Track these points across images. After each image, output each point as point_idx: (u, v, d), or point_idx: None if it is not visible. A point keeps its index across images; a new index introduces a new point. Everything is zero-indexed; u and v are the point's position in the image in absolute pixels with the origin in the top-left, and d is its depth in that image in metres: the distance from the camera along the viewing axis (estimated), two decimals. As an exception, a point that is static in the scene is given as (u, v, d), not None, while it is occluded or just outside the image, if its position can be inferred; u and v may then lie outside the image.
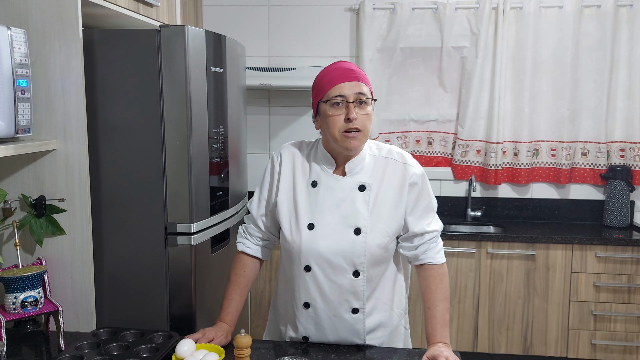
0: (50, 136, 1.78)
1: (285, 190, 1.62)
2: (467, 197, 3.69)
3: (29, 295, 1.66)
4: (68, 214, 1.79)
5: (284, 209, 1.61)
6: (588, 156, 3.55)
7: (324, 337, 1.64)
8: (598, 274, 3.16)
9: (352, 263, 1.55)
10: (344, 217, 1.56)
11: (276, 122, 3.73)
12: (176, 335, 1.66)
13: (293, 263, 1.61)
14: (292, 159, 1.64)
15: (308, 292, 1.60)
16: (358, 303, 1.59)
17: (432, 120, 3.69)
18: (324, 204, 1.57)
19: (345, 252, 1.55)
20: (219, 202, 2.15)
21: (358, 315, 1.60)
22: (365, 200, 1.56)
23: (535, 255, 3.19)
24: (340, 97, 1.50)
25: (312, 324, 1.63)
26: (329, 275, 1.57)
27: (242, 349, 1.43)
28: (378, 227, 1.56)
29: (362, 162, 1.59)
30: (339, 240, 1.55)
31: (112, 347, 1.60)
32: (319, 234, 1.56)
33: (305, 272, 1.59)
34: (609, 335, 3.18)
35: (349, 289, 1.58)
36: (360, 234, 1.55)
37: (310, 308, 1.61)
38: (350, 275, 1.56)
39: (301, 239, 1.57)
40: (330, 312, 1.60)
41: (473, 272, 3.25)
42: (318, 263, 1.57)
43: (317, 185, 1.59)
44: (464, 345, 3.28)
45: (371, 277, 1.59)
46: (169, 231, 1.91)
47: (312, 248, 1.56)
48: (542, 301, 3.22)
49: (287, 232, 1.60)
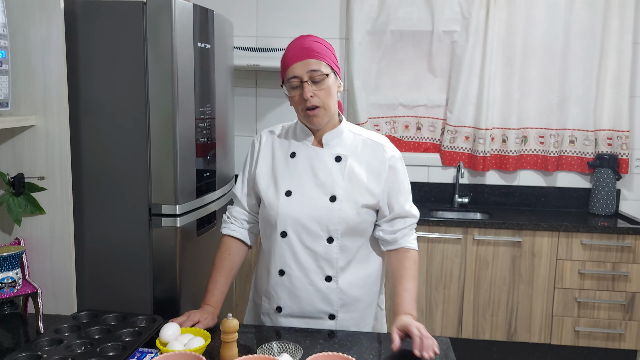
0: (30, 111, 1.71)
1: (265, 163, 1.68)
2: (454, 184, 3.67)
3: (6, 276, 1.60)
4: (48, 192, 1.73)
5: (263, 179, 1.66)
6: (576, 144, 3.55)
7: (298, 307, 1.66)
8: (583, 262, 3.17)
9: (326, 229, 1.60)
10: (320, 185, 1.61)
11: (263, 104, 3.67)
12: (160, 319, 1.61)
13: (270, 230, 1.64)
14: (272, 139, 1.70)
15: (283, 259, 1.63)
16: (332, 271, 1.63)
17: (421, 105, 3.66)
18: (302, 172, 1.62)
19: (320, 218, 1.59)
20: (205, 183, 2.09)
21: (331, 284, 1.63)
22: (341, 170, 1.62)
23: (522, 242, 3.19)
24: (295, 79, 1.55)
25: (287, 292, 1.65)
26: (304, 241, 1.61)
27: (229, 333, 1.39)
28: (352, 196, 1.60)
29: (340, 135, 1.65)
30: (315, 206, 1.60)
31: (93, 330, 1.55)
32: (296, 200, 1.60)
33: (281, 238, 1.62)
34: (593, 322, 3.20)
35: (323, 255, 1.61)
36: (336, 201, 1.59)
37: (285, 276, 1.64)
38: (325, 241, 1.61)
39: (278, 205, 1.61)
40: (305, 280, 1.63)
41: (459, 259, 3.24)
42: (294, 228, 1.60)
43: (295, 156, 1.64)
44: (449, 331, 3.29)
45: (345, 247, 1.62)
46: (153, 212, 1.86)
47: (289, 213, 1.60)
48: (527, 288, 3.23)
49: (266, 199, 1.64)
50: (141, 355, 1.37)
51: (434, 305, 3.29)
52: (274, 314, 1.69)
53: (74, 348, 1.45)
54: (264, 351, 1.45)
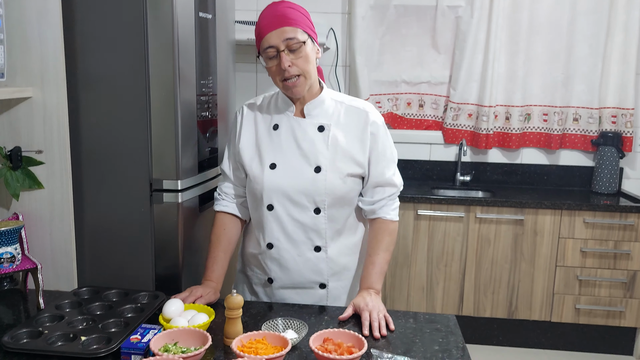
0: (26, 83, 1.65)
1: (247, 137, 1.65)
2: (456, 162, 3.64)
3: (5, 251, 1.56)
4: (46, 167, 1.68)
5: (247, 153, 1.64)
6: (580, 122, 3.51)
7: (289, 278, 1.66)
8: (585, 240, 3.16)
9: (313, 200, 1.59)
10: (304, 156, 1.59)
11: (264, 80, 3.61)
12: (162, 296, 1.59)
13: (257, 204, 1.63)
14: (254, 111, 1.67)
15: (272, 232, 1.62)
16: (320, 241, 1.62)
17: (424, 82, 3.60)
18: (285, 144, 1.60)
19: (306, 189, 1.58)
20: (207, 159, 2.05)
21: (320, 253, 1.63)
22: (325, 140, 1.59)
23: (524, 220, 3.17)
24: (271, 48, 1.51)
25: (276, 264, 1.65)
26: (291, 213, 1.59)
27: (234, 310, 1.37)
28: (337, 166, 1.59)
29: (322, 104, 1.62)
30: (300, 178, 1.58)
31: (95, 306, 1.53)
32: (280, 172, 1.59)
33: (268, 212, 1.60)
34: (593, 300, 3.20)
35: (311, 226, 1.60)
36: (320, 171, 1.58)
37: (274, 249, 1.63)
38: (312, 212, 1.60)
39: (263, 178, 1.59)
40: (294, 252, 1.62)
41: (461, 237, 3.22)
42: (280, 201, 1.59)
43: (278, 128, 1.62)
44: (449, 308, 3.29)
45: (333, 217, 1.62)
46: (154, 188, 1.82)
47: (275, 186, 1.58)
48: (528, 266, 3.22)
49: (250, 173, 1.62)
50: (144, 331, 1.35)
51: (435, 283, 3.28)
52: (266, 285, 1.70)
53: (75, 324, 1.43)
54: (269, 327, 1.43)
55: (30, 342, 1.33)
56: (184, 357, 1.22)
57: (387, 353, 1.32)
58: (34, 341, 1.33)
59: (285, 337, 1.31)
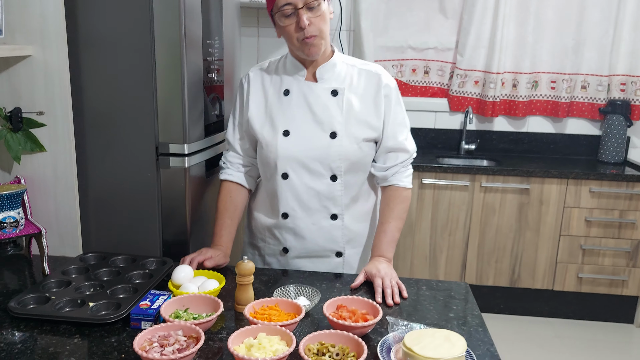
0: (26, 41, 1.58)
1: (257, 104, 1.59)
2: (461, 130, 3.59)
3: (7, 215, 1.52)
4: (48, 129, 1.63)
5: (257, 121, 1.58)
6: (588, 89, 3.45)
7: (304, 248, 1.63)
8: (590, 209, 3.14)
9: (329, 167, 1.55)
10: (318, 122, 1.54)
11: (266, 44, 3.52)
12: (170, 262, 1.56)
13: (270, 173, 1.59)
14: (261, 76, 1.61)
15: (286, 202, 1.58)
16: (336, 209, 1.59)
17: (430, 48, 3.52)
18: (297, 110, 1.55)
19: (321, 156, 1.54)
20: (213, 123, 1.99)
21: (337, 221, 1.60)
22: (339, 104, 1.54)
23: (530, 189, 3.15)
24: (289, 6, 1.44)
25: (292, 234, 1.61)
26: (306, 182, 1.55)
27: (245, 276, 1.34)
28: (352, 131, 1.54)
29: (333, 68, 1.56)
30: (315, 144, 1.54)
31: (102, 272, 1.49)
32: (294, 139, 1.54)
33: (282, 180, 1.56)
34: (597, 269, 3.20)
35: (326, 194, 1.57)
36: (336, 137, 1.53)
37: (289, 219, 1.60)
38: (328, 179, 1.56)
39: (277, 146, 1.54)
40: (309, 221, 1.59)
41: (465, 205, 3.20)
42: (295, 169, 1.55)
43: (289, 94, 1.56)
44: (452, 277, 3.29)
45: (349, 184, 1.58)
46: (160, 152, 1.76)
47: (289, 154, 1.54)
48: (533, 235, 3.21)
49: (263, 141, 1.57)
50: (153, 297, 1.32)
51: (438, 251, 3.27)
52: (281, 255, 1.66)
53: (83, 290, 1.40)
54: (281, 294, 1.41)
55: (37, 307, 1.30)
56: (196, 323, 1.19)
57: (403, 320, 1.29)
58: (42, 307, 1.30)
59: (298, 304, 1.28)
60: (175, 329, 1.17)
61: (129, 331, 1.24)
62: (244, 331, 1.16)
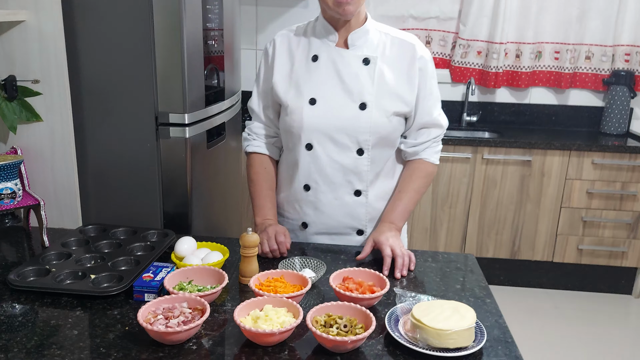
0: (19, 5, 1.52)
1: (282, 70, 1.51)
2: (463, 102, 3.54)
3: (5, 187, 1.49)
4: (44, 98, 1.58)
5: (282, 87, 1.50)
6: (592, 60, 3.39)
7: (324, 223, 1.56)
8: (592, 181, 3.12)
9: (356, 140, 1.47)
10: (347, 91, 1.46)
11: (264, 13, 3.43)
12: (172, 234, 1.53)
13: (294, 143, 1.51)
14: (287, 40, 1.53)
15: (309, 173, 1.51)
16: (361, 185, 1.52)
17: (432, 18, 3.44)
18: (326, 78, 1.46)
19: (349, 128, 1.46)
20: (214, 93, 1.94)
21: (360, 198, 1.53)
22: (370, 74, 1.45)
23: (532, 161, 3.12)
24: None
25: (312, 208, 1.55)
26: (331, 154, 1.48)
27: (249, 248, 1.31)
28: (383, 103, 1.46)
29: (366, 35, 1.47)
30: (343, 115, 1.46)
31: (103, 244, 1.47)
32: (321, 109, 1.46)
33: (306, 151, 1.49)
34: (597, 240, 3.21)
35: (352, 168, 1.49)
36: (366, 109, 1.45)
37: (310, 191, 1.53)
38: (354, 153, 1.48)
39: (302, 115, 1.46)
40: (331, 195, 1.53)
41: (467, 178, 3.17)
42: (320, 141, 1.47)
43: (318, 59, 1.48)
44: (452, 249, 3.29)
45: (375, 159, 1.51)
46: (160, 122, 1.72)
47: (314, 124, 1.46)
48: (534, 207, 3.19)
49: (287, 108, 1.49)
50: (156, 269, 1.30)
51: (438, 224, 3.26)
52: (300, 230, 1.60)
53: (83, 262, 1.37)
54: (286, 266, 1.39)
55: (37, 280, 1.28)
56: (201, 295, 1.17)
57: (410, 292, 1.28)
58: (42, 279, 1.28)
59: (304, 276, 1.26)
60: (180, 301, 1.15)
61: (132, 303, 1.22)
62: (249, 303, 1.14)
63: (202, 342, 1.09)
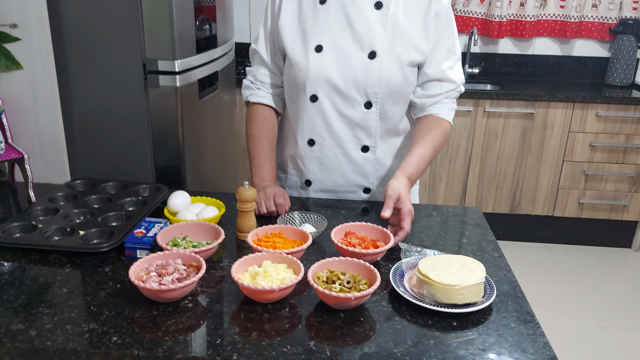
0: (-11, -59, 1.40)
1: (289, 12, 1.39)
2: (465, 53, 3.42)
3: (-14, 140, 1.40)
4: (23, 44, 1.48)
5: (288, 32, 1.39)
6: (599, 8, 3.27)
7: (330, 180, 1.48)
8: (596, 134, 3.05)
9: (364, 93, 1.37)
10: (357, 38, 1.34)
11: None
12: (164, 188, 1.46)
13: (297, 94, 1.41)
14: None
15: (314, 127, 1.42)
16: (369, 140, 1.43)
17: (433, -38, 3.28)
18: (334, 23, 1.35)
19: (357, 79, 1.35)
20: (205, 39, 1.83)
21: (368, 154, 1.45)
22: (382, 20, 1.34)
23: (534, 113, 3.04)
24: None
25: (317, 164, 1.46)
26: (337, 107, 1.39)
27: (246, 202, 1.25)
28: (396, 52, 1.34)
29: None
30: (351, 65, 1.35)
31: (92, 199, 1.40)
32: (328, 57, 1.35)
33: (311, 103, 1.39)
34: (598, 194, 3.16)
35: (359, 123, 1.40)
36: (376, 58, 1.34)
37: (315, 146, 1.44)
38: (362, 107, 1.38)
39: (308, 63, 1.36)
40: (338, 151, 1.44)
41: (467, 131, 3.10)
42: (326, 92, 1.37)
43: (326, 2, 1.36)
44: (451, 203, 3.24)
45: (386, 114, 1.40)
46: (148, 69, 1.62)
47: (320, 73, 1.36)
48: (535, 161, 3.13)
49: (292, 56, 1.38)
50: (149, 225, 1.23)
51: (437, 179, 3.20)
52: (302, 187, 1.52)
53: (72, 218, 1.31)
54: (285, 221, 1.32)
55: (24, 236, 1.22)
56: (196, 251, 1.11)
57: (415, 246, 1.22)
58: (28, 235, 1.21)
59: (305, 231, 1.20)
60: (174, 258, 1.09)
61: (124, 260, 1.16)
62: (247, 259, 1.08)
63: (199, 299, 1.04)
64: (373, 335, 0.95)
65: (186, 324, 0.96)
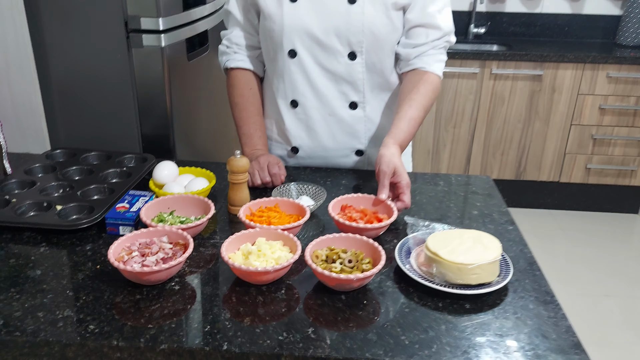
0: None
1: None
2: (470, 12, 3.26)
3: (-47, 107, 1.29)
4: (-9, 0, 1.35)
5: None
6: (612, -37, 3.10)
7: (319, 145, 1.37)
8: (606, 96, 2.93)
9: (347, 42, 1.25)
10: None
11: None
12: (151, 158, 1.36)
13: (275, 50, 1.29)
14: None
15: (295, 86, 1.30)
16: (357, 95, 1.31)
17: None
18: None
19: (338, 28, 1.23)
20: (192, -5, 1.70)
21: (357, 111, 1.33)
22: None
23: (543, 75, 2.91)
24: None
25: (303, 128, 1.35)
26: (319, 60, 1.27)
27: (239, 173, 1.14)
28: None
29: None
30: (330, 12, 1.23)
31: (72, 171, 1.30)
32: (304, 5, 1.24)
33: (290, 59, 1.28)
34: (606, 159, 3.06)
35: (344, 76, 1.28)
36: (356, 2, 1.22)
37: (298, 107, 1.33)
38: (346, 58, 1.26)
39: (282, 14, 1.24)
40: (324, 111, 1.32)
41: (473, 95, 2.97)
42: (305, 45, 1.26)
43: None
44: (455, 170, 3.14)
45: (373, 66, 1.28)
46: (130, 27, 1.48)
47: (297, 24, 1.24)
48: (542, 125, 3.02)
49: (265, 9, 1.27)
50: (132, 198, 1.13)
51: (441, 145, 3.09)
52: (290, 155, 1.42)
53: (49, 191, 1.21)
54: (280, 194, 1.22)
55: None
56: (184, 227, 1.01)
57: (423, 220, 1.12)
58: (0, 211, 1.11)
59: (302, 205, 1.10)
60: (159, 235, 0.99)
61: (105, 238, 1.06)
62: (239, 236, 0.99)
63: (186, 280, 0.95)
64: (377, 319, 0.86)
65: (172, 309, 0.87)
